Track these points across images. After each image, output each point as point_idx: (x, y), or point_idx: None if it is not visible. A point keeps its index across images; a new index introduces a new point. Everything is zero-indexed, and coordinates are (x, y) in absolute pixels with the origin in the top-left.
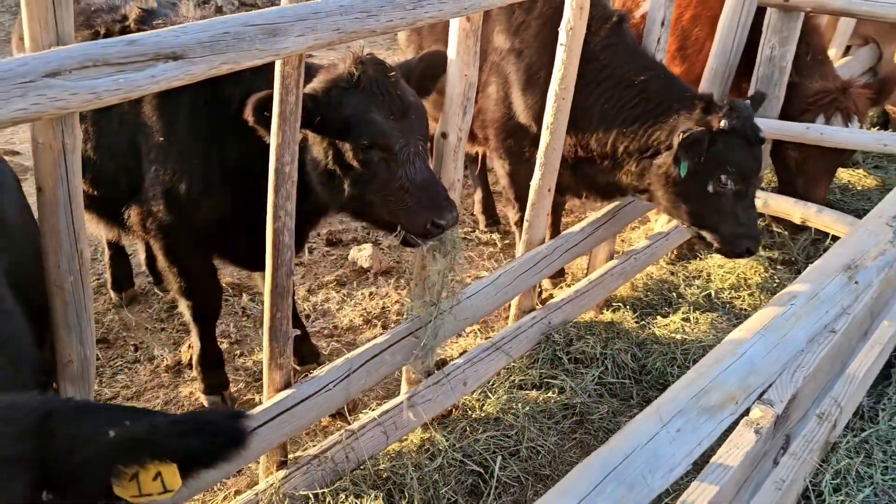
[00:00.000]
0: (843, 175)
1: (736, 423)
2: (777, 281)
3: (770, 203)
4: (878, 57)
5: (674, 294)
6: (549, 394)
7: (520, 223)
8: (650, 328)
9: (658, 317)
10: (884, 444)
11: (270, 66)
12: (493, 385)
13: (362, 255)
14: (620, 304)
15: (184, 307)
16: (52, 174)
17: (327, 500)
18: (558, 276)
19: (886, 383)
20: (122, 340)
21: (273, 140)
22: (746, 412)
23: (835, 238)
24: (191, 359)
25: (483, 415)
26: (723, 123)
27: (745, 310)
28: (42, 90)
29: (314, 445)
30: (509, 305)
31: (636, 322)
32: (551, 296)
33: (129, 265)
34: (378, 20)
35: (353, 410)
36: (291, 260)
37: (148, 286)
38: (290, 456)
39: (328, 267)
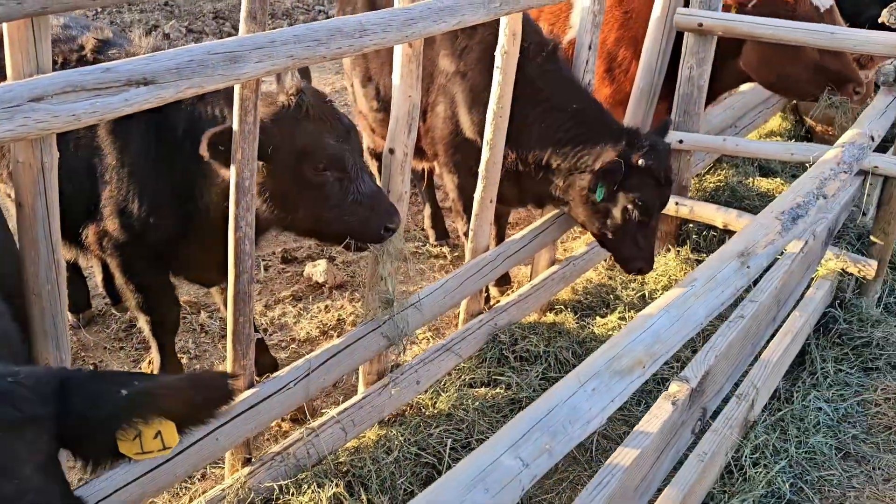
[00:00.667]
0: (762, 184)
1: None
2: None
3: (695, 210)
4: None
5: (611, 296)
6: (497, 390)
7: (468, 233)
8: (590, 327)
9: (597, 317)
10: (798, 422)
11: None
12: (444, 384)
13: (317, 270)
14: (562, 306)
15: (143, 323)
16: (32, 190)
17: (291, 491)
18: (505, 284)
19: (801, 368)
20: (82, 360)
21: (234, 156)
22: (665, 383)
23: None
24: (151, 374)
25: (436, 411)
26: (640, 161)
27: None
28: (27, 113)
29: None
30: (458, 313)
31: (576, 322)
32: (498, 302)
33: (85, 287)
34: (328, 48)
35: (313, 415)
36: (252, 267)
37: (105, 307)
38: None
39: (284, 283)
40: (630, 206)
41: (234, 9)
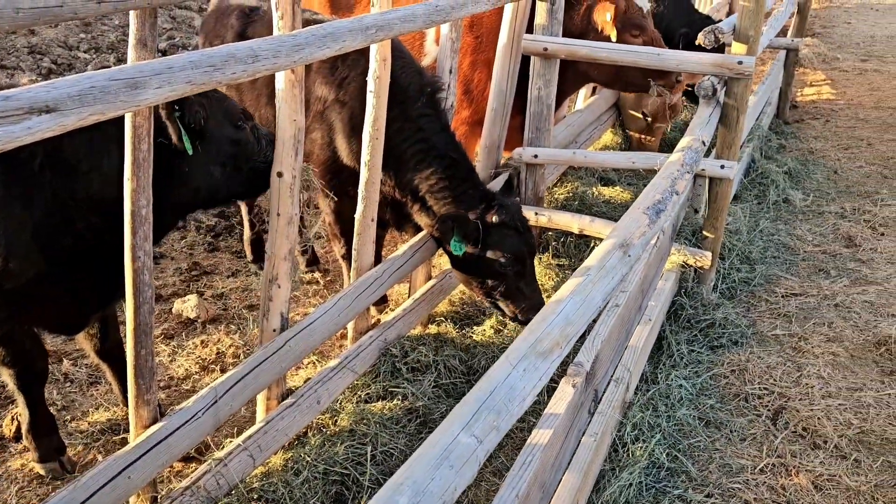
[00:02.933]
0: (605, 192)
1: (559, 380)
2: None
3: (553, 218)
4: (618, 94)
5: (486, 305)
6: (395, 402)
7: (347, 256)
8: (471, 336)
9: (475, 326)
10: (665, 399)
11: None
12: (341, 403)
13: (187, 306)
14: (442, 318)
15: (7, 377)
16: None
17: None
18: (383, 304)
19: (660, 352)
20: None
21: (128, 185)
22: (570, 357)
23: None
24: (17, 430)
25: (338, 429)
26: (494, 218)
27: None
28: None
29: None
30: (345, 334)
31: (458, 332)
32: (379, 321)
33: None
34: (223, 73)
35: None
36: (152, 298)
37: None
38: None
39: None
40: (502, 260)
41: (52, 43)
